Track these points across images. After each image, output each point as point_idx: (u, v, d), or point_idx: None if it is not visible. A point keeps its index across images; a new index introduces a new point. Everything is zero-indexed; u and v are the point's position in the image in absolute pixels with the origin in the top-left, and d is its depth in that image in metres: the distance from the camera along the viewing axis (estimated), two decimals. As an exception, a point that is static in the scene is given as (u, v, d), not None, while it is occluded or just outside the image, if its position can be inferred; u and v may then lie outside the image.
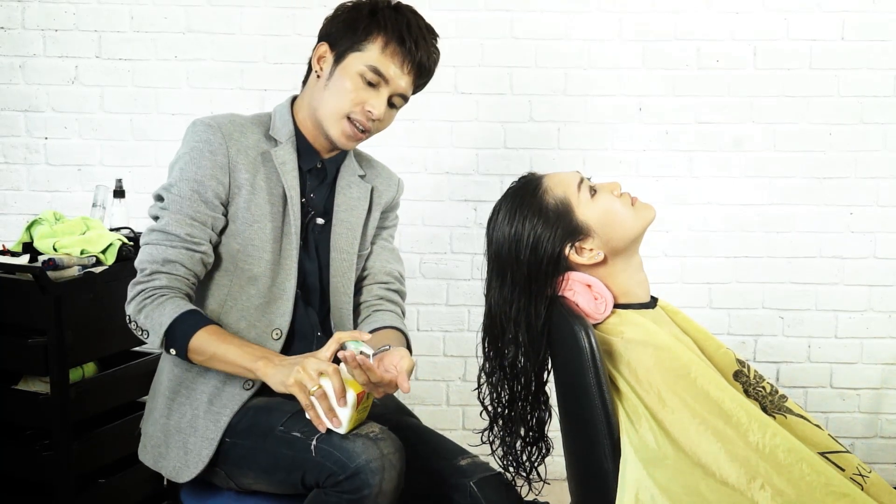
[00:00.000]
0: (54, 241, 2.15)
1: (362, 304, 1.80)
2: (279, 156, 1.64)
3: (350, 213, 1.74)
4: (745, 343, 2.90)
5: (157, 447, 1.63)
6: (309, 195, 1.70)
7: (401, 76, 1.61)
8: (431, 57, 1.65)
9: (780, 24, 2.77)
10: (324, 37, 1.66)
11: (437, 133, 2.83)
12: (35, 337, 1.98)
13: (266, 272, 1.62)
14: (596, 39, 2.79)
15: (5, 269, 2.02)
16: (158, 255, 1.55)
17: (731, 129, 2.82)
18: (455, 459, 1.59)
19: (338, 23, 1.63)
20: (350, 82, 1.60)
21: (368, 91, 1.61)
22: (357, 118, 1.62)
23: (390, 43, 1.59)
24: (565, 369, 1.39)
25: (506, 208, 1.42)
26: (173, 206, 1.56)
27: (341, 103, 1.61)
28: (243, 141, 1.62)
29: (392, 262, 1.85)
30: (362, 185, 1.77)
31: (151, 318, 1.51)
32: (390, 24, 1.60)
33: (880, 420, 2.92)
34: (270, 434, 1.50)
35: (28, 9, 2.77)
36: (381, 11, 1.61)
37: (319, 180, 1.72)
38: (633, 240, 1.42)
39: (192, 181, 1.57)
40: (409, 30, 1.60)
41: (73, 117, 2.80)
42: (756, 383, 1.42)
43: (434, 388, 2.93)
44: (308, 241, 1.69)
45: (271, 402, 1.58)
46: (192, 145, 1.59)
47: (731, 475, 1.23)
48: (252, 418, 1.56)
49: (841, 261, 2.86)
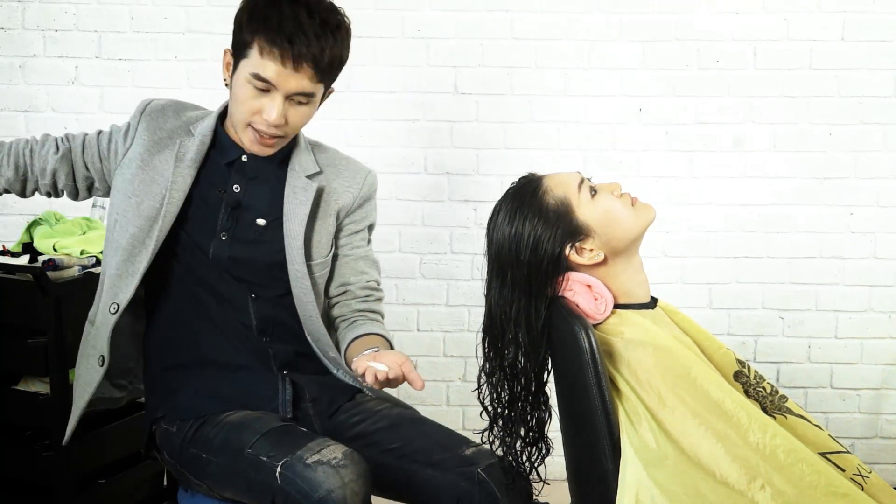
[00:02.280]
0: (54, 242, 2.14)
1: (340, 318, 1.78)
2: (184, 145, 1.67)
3: (292, 221, 1.69)
4: (745, 343, 2.90)
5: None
6: (231, 188, 1.68)
7: (287, 76, 1.53)
8: (318, 45, 1.52)
9: (780, 24, 2.77)
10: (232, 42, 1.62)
11: (437, 133, 2.83)
12: (35, 337, 1.98)
13: (127, 246, 1.65)
14: (596, 39, 2.79)
15: (5, 269, 2.02)
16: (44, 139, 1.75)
17: (731, 129, 2.82)
18: (459, 449, 1.59)
19: (234, 27, 1.60)
20: (243, 91, 1.57)
21: (261, 98, 1.56)
22: (258, 127, 1.59)
23: (264, 45, 1.52)
24: (565, 369, 1.39)
25: (506, 209, 1.42)
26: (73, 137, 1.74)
27: (240, 113, 1.60)
28: (160, 123, 1.69)
29: (367, 272, 1.80)
30: (308, 188, 1.70)
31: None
32: (262, 24, 1.52)
33: (880, 420, 2.92)
34: (240, 455, 1.50)
35: (28, 9, 2.77)
36: (256, 11, 1.54)
37: (243, 174, 1.69)
38: (633, 240, 1.42)
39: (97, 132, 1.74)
40: (281, 25, 1.50)
41: (73, 117, 2.80)
42: (756, 384, 1.42)
43: (434, 388, 2.93)
44: (237, 236, 1.68)
45: (247, 418, 1.58)
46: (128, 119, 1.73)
47: (731, 475, 1.23)
48: (226, 434, 1.55)
49: (841, 261, 2.86)
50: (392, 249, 2.87)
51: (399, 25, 2.78)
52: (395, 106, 2.81)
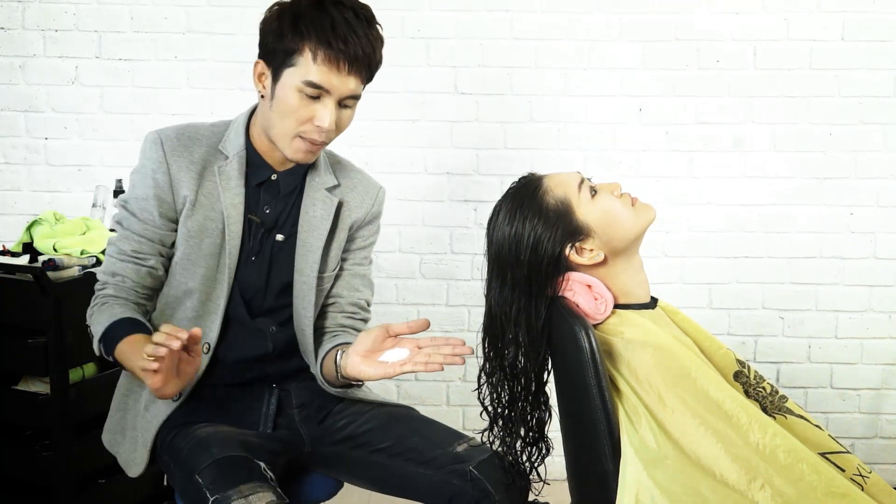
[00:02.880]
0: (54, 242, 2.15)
1: (324, 329, 1.76)
2: (224, 172, 1.60)
3: (311, 234, 1.67)
4: (746, 343, 2.90)
5: (114, 433, 1.69)
6: (262, 209, 1.64)
7: (341, 80, 1.51)
8: (369, 45, 1.52)
9: (780, 24, 2.77)
10: (260, 53, 1.56)
11: (437, 133, 2.83)
12: (35, 337, 1.99)
13: (200, 287, 1.61)
14: (596, 39, 2.79)
15: (5, 269, 2.02)
16: (109, 267, 1.60)
17: (731, 129, 2.82)
18: (451, 446, 1.59)
19: (267, 37, 1.54)
20: (292, 101, 1.51)
21: (313, 105, 1.52)
22: (308, 135, 1.54)
23: (319, 50, 1.48)
24: (565, 369, 1.39)
25: (506, 209, 1.42)
26: (125, 223, 1.60)
27: (288, 124, 1.54)
28: (187, 156, 1.59)
29: (360, 290, 1.78)
30: (328, 201, 1.68)
31: (94, 324, 1.56)
32: (313, 29, 1.48)
33: (880, 420, 2.92)
34: (191, 477, 1.49)
35: (28, 9, 2.77)
36: (302, 17, 1.49)
37: (273, 194, 1.65)
38: (633, 240, 1.42)
39: (141, 199, 1.59)
40: (335, 28, 1.47)
41: (73, 117, 2.80)
42: (756, 384, 1.42)
43: (434, 388, 2.93)
44: (261, 255, 1.65)
45: (212, 437, 1.55)
46: (142, 162, 1.60)
47: (731, 475, 1.23)
48: (188, 451, 1.54)
49: (841, 261, 2.86)
50: (392, 249, 2.87)
51: (399, 25, 2.78)
52: (395, 106, 2.81)
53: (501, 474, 1.55)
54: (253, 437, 1.61)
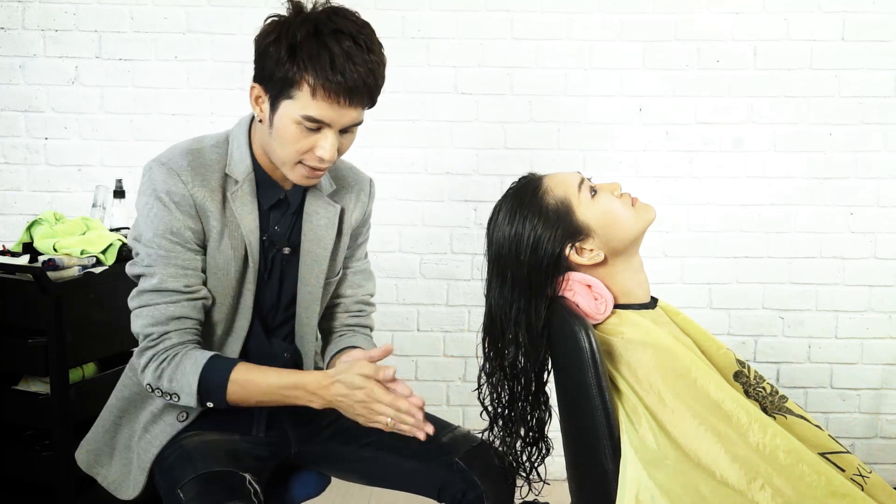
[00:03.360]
0: (54, 242, 2.15)
1: (328, 329, 1.76)
2: (238, 198, 1.55)
3: (317, 245, 1.64)
4: (746, 343, 2.90)
5: (99, 455, 1.62)
6: (273, 228, 1.61)
7: (341, 113, 1.45)
8: (370, 74, 1.44)
9: (780, 24, 2.77)
10: (256, 74, 1.50)
11: (437, 133, 2.83)
12: (35, 337, 1.99)
13: (226, 314, 1.59)
14: (596, 39, 2.79)
15: (5, 269, 2.02)
16: (161, 315, 1.48)
17: (731, 129, 2.82)
18: (436, 438, 1.59)
19: (264, 60, 1.46)
20: (291, 132, 1.45)
21: (313, 136, 1.46)
22: (309, 163, 1.50)
23: (317, 85, 1.41)
24: (565, 369, 1.39)
25: (506, 209, 1.42)
26: (161, 262, 1.49)
27: (289, 153, 1.48)
28: (207, 185, 1.52)
29: (363, 286, 1.78)
30: (330, 209, 1.66)
31: (177, 381, 1.46)
32: (310, 63, 1.40)
33: (880, 420, 2.92)
34: (173, 490, 1.48)
35: (28, 9, 2.77)
36: (299, 47, 1.41)
37: (283, 211, 1.63)
38: (633, 240, 1.42)
39: (169, 232, 1.49)
40: (334, 63, 1.40)
41: (73, 117, 2.80)
42: (756, 384, 1.42)
43: (434, 388, 2.93)
44: (272, 273, 1.63)
45: (199, 448, 1.54)
46: (158, 196, 1.49)
47: (731, 476, 1.23)
48: (174, 461, 1.53)
49: (841, 261, 2.86)
50: (392, 249, 2.87)
51: (399, 25, 2.78)
52: (395, 106, 2.81)
53: (487, 464, 1.58)
54: (241, 443, 1.61)
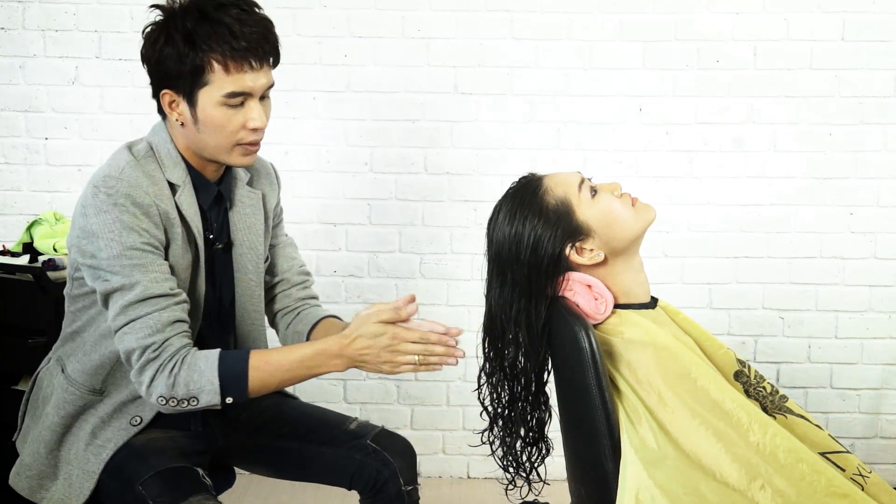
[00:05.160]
0: (54, 242, 2.15)
1: (284, 310, 1.79)
2: (183, 202, 1.54)
3: (249, 232, 1.67)
4: (746, 343, 2.90)
5: (41, 477, 1.57)
6: (211, 225, 1.62)
7: (257, 77, 1.47)
8: (266, 29, 1.48)
9: (780, 24, 2.77)
10: (159, 83, 1.51)
11: (437, 133, 2.83)
12: (35, 337, 1.99)
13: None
14: (596, 39, 2.79)
15: (5, 269, 2.02)
16: (157, 323, 1.44)
17: (731, 129, 2.82)
18: (344, 425, 1.73)
19: (164, 65, 1.47)
20: (219, 117, 1.47)
21: (240, 112, 1.49)
22: (245, 140, 1.51)
23: (227, 61, 1.44)
24: (565, 369, 1.39)
25: (506, 209, 1.42)
26: (138, 271, 1.44)
27: (223, 138, 1.50)
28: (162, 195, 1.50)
29: (296, 257, 1.83)
30: (253, 196, 1.68)
31: (194, 382, 1.43)
32: (211, 42, 1.43)
33: (880, 420, 2.92)
34: (130, 489, 1.48)
35: (28, 9, 2.77)
36: (194, 33, 1.43)
37: (219, 206, 1.64)
38: (633, 240, 1.42)
39: (141, 242, 1.45)
40: (232, 30, 1.43)
41: (73, 117, 2.80)
42: (756, 383, 1.42)
43: (434, 388, 2.93)
44: (212, 269, 1.63)
45: (148, 446, 1.55)
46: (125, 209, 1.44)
47: (731, 475, 1.23)
48: (124, 459, 1.53)
49: (841, 261, 2.86)
50: (392, 249, 2.87)
51: (399, 25, 2.78)
52: (395, 106, 2.81)
53: (395, 442, 1.72)
54: (182, 439, 1.62)
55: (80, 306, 1.57)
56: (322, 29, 2.78)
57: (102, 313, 1.52)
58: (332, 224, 2.87)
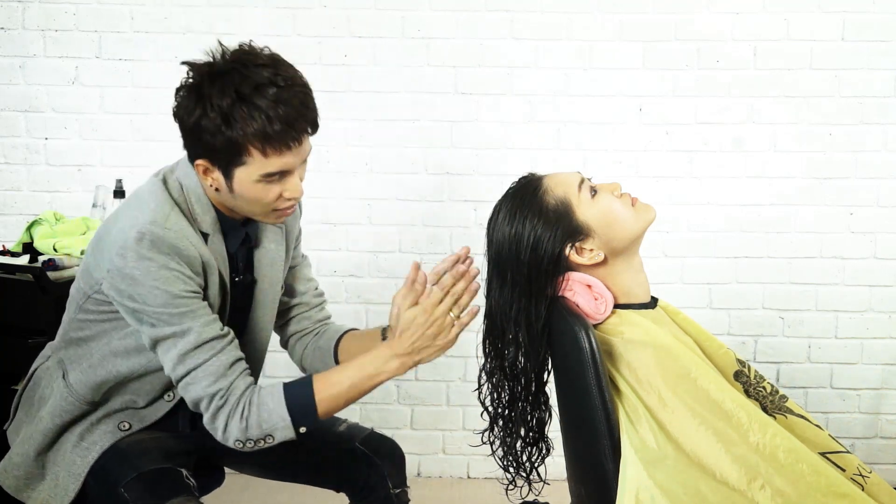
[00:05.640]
0: (54, 242, 2.15)
1: (302, 332, 1.79)
2: (213, 248, 1.53)
3: (272, 268, 1.67)
4: (746, 343, 2.90)
5: (28, 478, 1.58)
6: (238, 265, 1.62)
7: (296, 154, 1.45)
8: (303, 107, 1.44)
9: (780, 24, 2.77)
10: (195, 150, 1.47)
11: (437, 133, 2.83)
12: (35, 337, 1.99)
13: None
14: (596, 39, 2.79)
15: (5, 269, 2.02)
16: (217, 369, 1.44)
17: (731, 129, 2.82)
18: (333, 427, 1.74)
19: (199, 138, 1.43)
20: (256, 191, 1.45)
21: (278, 184, 1.46)
22: (282, 206, 1.50)
23: (265, 145, 1.40)
24: (565, 370, 1.39)
25: (506, 209, 1.42)
26: (188, 318, 1.44)
27: (259, 207, 1.49)
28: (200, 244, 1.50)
29: (312, 279, 1.83)
30: (277, 231, 1.67)
31: (266, 421, 1.45)
32: (249, 128, 1.38)
33: (880, 420, 2.92)
34: (113, 491, 1.49)
35: (28, 9, 2.77)
36: (231, 116, 1.39)
37: (246, 247, 1.64)
38: (633, 240, 1.42)
39: (184, 290, 1.44)
40: (269, 115, 1.38)
41: (73, 117, 2.80)
42: (756, 383, 1.42)
43: (434, 388, 2.93)
44: (233, 304, 1.63)
45: (134, 447, 1.56)
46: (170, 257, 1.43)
47: (731, 475, 1.23)
48: (109, 461, 1.54)
49: (841, 261, 2.86)
50: (392, 249, 2.87)
51: (399, 25, 2.78)
52: (395, 106, 2.81)
53: (383, 446, 1.73)
54: (169, 440, 1.62)
55: (92, 318, 1.56)
56: (322, 29, 2.78)
57: (116, 330, 1.53)
58: (332, 224, 2.87)
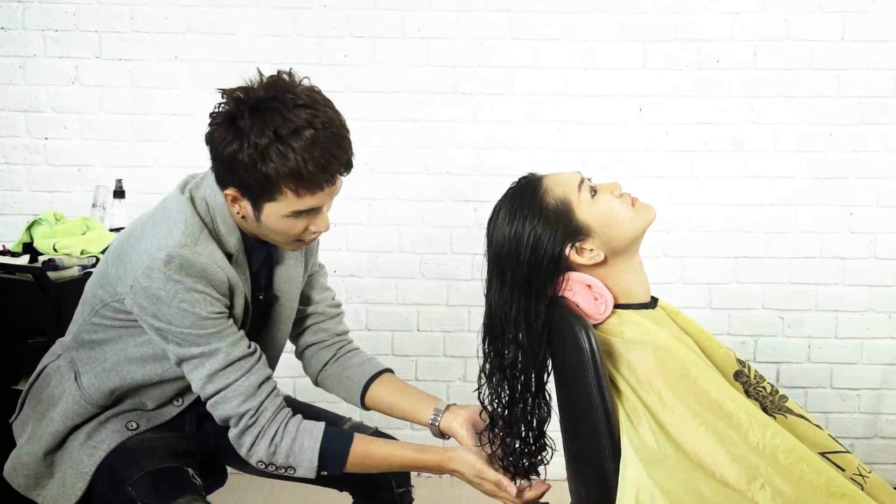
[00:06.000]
0: (54, 242, 2.15)
1: (318, 344, 1.78)
2: (238, 268, 1.54)
3: (290, 284, 1.67)
4: (746, 343, 2.90)
5: (39, 477, 1.59)
6: (260, 283, 1.63)
7: (328, 193, 1.46)
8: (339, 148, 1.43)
9: (780, 24, 2.78)
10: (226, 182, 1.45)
11: (437, 133, 2.83)
12: (35, 337, 1.99)
13: None
14: (596, 39, 2.79)
15: (5, 269, 2.02)
16: (247, 388, 1.46)
17: (731, 129, 2.82)
18: (337, 426, 1.70)
19: (232, 170, 1.41)
20: (283, 224, 1.47)
21: (305, 220, 1.48)
22: (307, 237, 1.53)
23: (298, 187, 1.41)
24: (565, 369, 1.39)
25: (506, 209, 1.42)
26: (216, 338, 1.45)
27: (284, 238, 1.51)
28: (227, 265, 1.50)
29: (329, 288, 1.81)
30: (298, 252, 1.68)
31: (294, 456, 1.48)
32: (283, 168, 1.38)
33: (880, 420, 2.92)
34: (120, 489, 1.49)
35: (28, 9, 2.77)
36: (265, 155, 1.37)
37: (268, 265, 1.64)
38: (633, 240, 1.42)
39: (214, 313, 1.46)
40: (305, 158, 1.38)
41: (73, 117, 2.80)
42: (756, 383, 1.42)
43: (434, 388, 2.93)
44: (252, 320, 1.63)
45: (140, 446, 1.56)
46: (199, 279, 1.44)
47: (731, 475, 1.23)
48: (116, 460, 1.55)
49: (841, 261, 2.86)
50: (392, 249, 2.87)
51: (399, 25, 2.78)
52: (395, 106, 2.81)
53: None
54: (175, 439, 1.62)
55: (107, 323, 1.56)
56: (322, 29, 2.78)
57: (132, 336, 1.54)
58: (332, 224, 2.85)
